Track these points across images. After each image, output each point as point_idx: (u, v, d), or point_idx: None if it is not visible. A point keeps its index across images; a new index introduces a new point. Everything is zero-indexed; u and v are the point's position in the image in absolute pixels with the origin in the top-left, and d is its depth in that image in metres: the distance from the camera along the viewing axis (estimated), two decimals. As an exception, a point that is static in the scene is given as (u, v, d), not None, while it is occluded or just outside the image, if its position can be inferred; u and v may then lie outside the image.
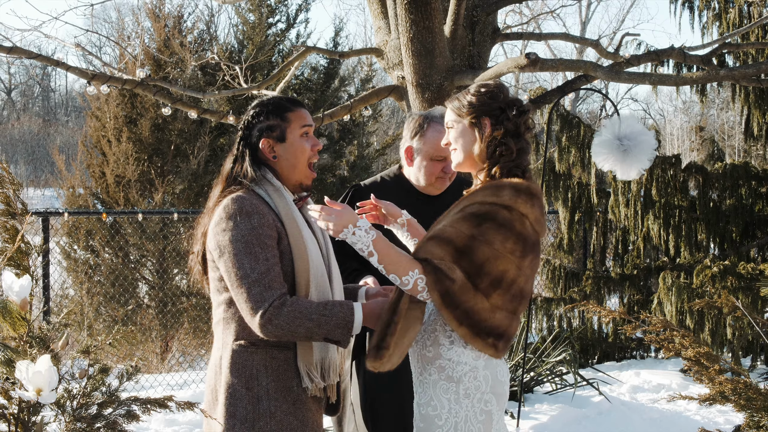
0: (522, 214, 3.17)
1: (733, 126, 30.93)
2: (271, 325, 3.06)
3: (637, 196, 10.58)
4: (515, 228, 3.14)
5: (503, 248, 3.11)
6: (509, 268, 3.13)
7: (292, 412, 3.18)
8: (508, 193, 3.18)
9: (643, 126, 6.66)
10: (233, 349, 3.21)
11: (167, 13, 15.91)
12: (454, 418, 3.20)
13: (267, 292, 3.08)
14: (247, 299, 3.08)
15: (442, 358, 3.23)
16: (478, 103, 3.29)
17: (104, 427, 3.14)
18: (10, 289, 3.19)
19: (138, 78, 7.48)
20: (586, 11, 38.43)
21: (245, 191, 3.25)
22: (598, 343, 10.73)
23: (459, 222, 3.15)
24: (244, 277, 3.09)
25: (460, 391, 3.21)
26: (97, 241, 14.33)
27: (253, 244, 3.11)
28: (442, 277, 3.06)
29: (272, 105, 3.39)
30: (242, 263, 3.10)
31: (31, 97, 60.04)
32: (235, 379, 3.18)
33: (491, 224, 3.12)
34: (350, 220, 3.16)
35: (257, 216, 3.15)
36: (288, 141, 3.35)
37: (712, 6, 11.24)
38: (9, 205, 3.36)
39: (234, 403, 3.16)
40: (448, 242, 3.11)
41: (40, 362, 3.05)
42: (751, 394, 3.06)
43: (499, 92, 3.33)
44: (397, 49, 7.39)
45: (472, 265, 3.08)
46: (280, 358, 3.20)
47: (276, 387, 3.18)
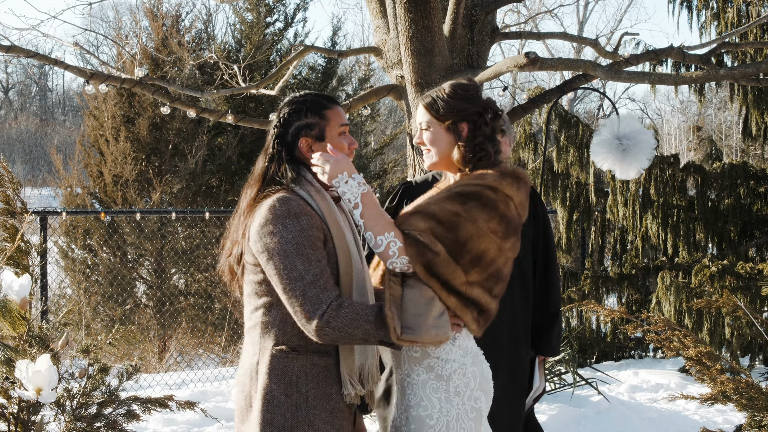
0: (507, 195, 3.19)
1: (730, 126, 30.95)
2: (329, 328, 2.96)
3: (635, 195, 10.58)
4: (499, 208, 3.15)
5: (486, 227, 3.12)
6: (490, 247, 3.14)
7: (330, 420, 3.09)
8: (493, 176, 3.21)
9: (642, 125, 6.68)
10: (272, 354, 3.10)
11: (165, 12, 15.89)
12: (446, 417, 3.19)
13: (323, 294, 2.98)
14: (303, 302, 2.98)
15: (430, 357, 3.21)
16: (455, 108, 3.28)
17: (104, 426, 3.12)
18: (9, 288, 3.18)
19: (136, 77, 7.47)
20: (583, 11, 38.45)
21: (288, 192, 3.13)
22: (597, 343, 10.73)
23: (444, 200, 3.16)
24: (298, 279, 2.99)
25: (450, 389, 3.20)
26: (95, 241, 14.32)
27: (305, 245, 3.01)
28: (425, 250, 3.06)
29: (309, 102, 3.25)
30: (295, 265, 2.99)
31: (28, 97, 59.96)
32: (273, 385, 3.07)
33: (476, 203, 3.13)
34: (347, 169, 3.13)
35: (305, 217, 3.04)
36: (327, 140, 3.22)
37: (710, 5, 11.24)
38: (9, 204, 3.34)
39: (271, 410, 3.05)
40: (432, 217, 3.11)
41: (40, 361, 3.03)
42: (753, 393, 3.05)
43: (475, 95, 3.32)
44: (396, 48, 7.38)
45: (456, 241, 3.08)
46: (321, 365, 3.12)
47: (315, 394, 3.09)
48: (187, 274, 15.12)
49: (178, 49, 14.85)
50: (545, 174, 10.59)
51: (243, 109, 15.56)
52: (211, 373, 10.06)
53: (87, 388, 3.27)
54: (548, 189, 10.91)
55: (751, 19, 10.82)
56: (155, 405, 3.23)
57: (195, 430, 7.38)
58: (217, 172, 15.56)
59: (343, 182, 3.13)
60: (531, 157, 11.43)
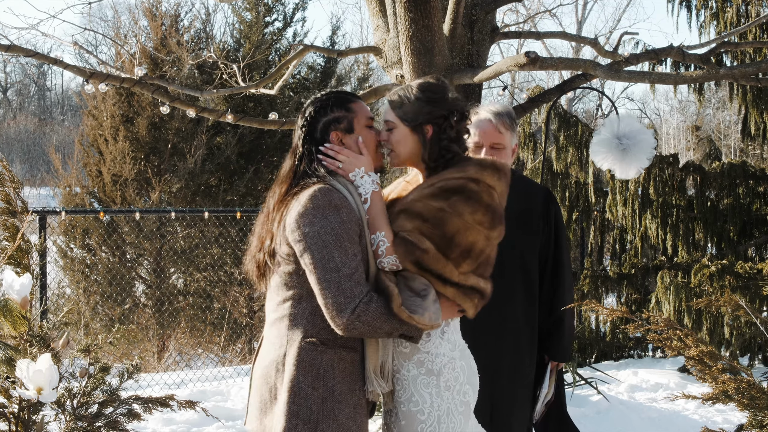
0: (489, 185, 3.22)
1: (729, 125, 30.97)
2: (359, 322, 2.98)
3: (634, 195, 10.58)
4: (483, 200, 3.19)
5: (472, 219, 3.15)
6: (478, 238, 3.17)
7: (353, 416, 3.11)
8: (474, 167, 3.25)
9: (642, 125, 6.67)
10: (301, 346, 3.11)
11: (164, 11, 15.89)
12: (437, 412, 3.21)
13: (357, 288, 3.00)
14: (337, 294, 2.99)
15: (420, 352, 3.24)
16: (420, 111, 3.28)
17: (105, 426, 3.12)
18: (10, 288, 3.18)
19: (136, 76, 7.46)
20: (582, 10, 38.43)
21: (325, 184, 3.15)
22: (596, 343, 10.73)
23: (428, 197, 3.19)
24: (334, 271, 3.01)
25: (441, 383, 3.22)
26: (94, 240, 14.32)
27: (344, 238, 3.04)
28: (413, 248, 3.10)
29: (334, 98, 3.32)
30: (332, 257, 3.01)
31: (27, 96, 59.95)
32: (301, 377, 3.08)
33: (460, 197, 3.16)
34: (364, 165, 3.23)
35: (346, 210, 3.08)
36: (356, 132, 3.29)
37: (709, 5, 11.25)
38: (9, 203, 3.34)
39: (298, 402, 3.06)
40: (418, 215, 3.15)
41: (41, 361, 3.03)
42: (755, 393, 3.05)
43: (442, 96, 3.32)
44: (396, 47, 7.38)
45: (444, 237, 3.12)
46: (348, 360, 3.14)
47: (341, 389, 3.11)
48: (186, 273, 15.14)
49: (177, 48, 14.85)
50: (545, 173, 10.59)
51: (242, 108, 15.56)
52: (210, 372, 10.06)
53: (88, 388, 3.27)
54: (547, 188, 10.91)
55: (750, 18, 10.82)
56: (156, 404, 3.23)
57: (194, 430, 7.38)
58: (216, 172, 15.57)
59: (359, 177, 3.22)
60: (530, 156, 11.43)
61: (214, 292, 14.95)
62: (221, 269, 15.12)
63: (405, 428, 3.23)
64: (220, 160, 15.43)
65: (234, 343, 14.31)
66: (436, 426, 3.20)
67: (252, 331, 14.79)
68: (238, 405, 8.09)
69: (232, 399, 8.41)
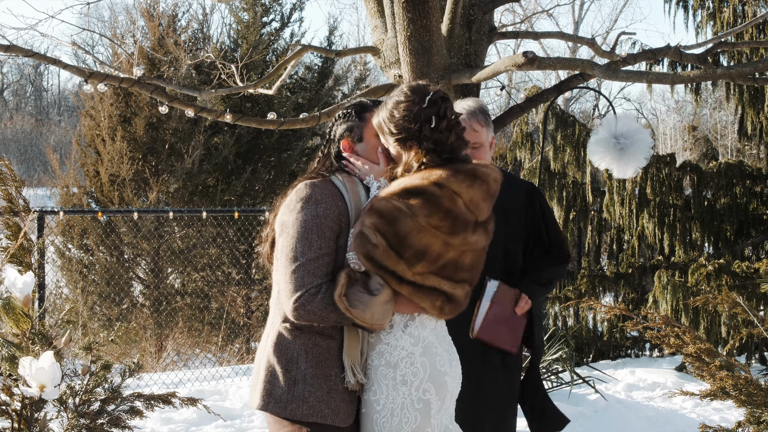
0: (454, 191, 3.25)
1: (725, 125, 31.02)
2: (303, 310, 3.16)
3: (632, 194, 10.61)
4: (443, 205, 3.22)
5: (427, 222, 3.20)
6: (433, 242, 3.22)
7: (325, 400, 3.24)
8: (443, 172, 3.28)
9: (639, 125, 6.70)
10: (279, 331, 3.30)
11: (161, 12, 15.89)
12: (391, 404, 3.25)
13: (308, 278, 3.18)
14: (288, 281, 3.19)
15: (381, 342, 3.30)
16: (397, 130, 3.34)
17: (107, 423, 3.13)
18: (13, 286, 3.19)
19: (135, 76, 7.47)
20: (579, 11, 38.47)
21: (321, 179, 3.37)
22: (593, 342, 10.75)
23: (390, 195, 3.25)
24: (293, 260, 3.20)
25: (397, 377, 3.26)
26: (92, 240, 14.31)
27: (312, 230, 3.22)
28: (365, 241, 3.19)
29: (353, 107, 3.54)
30: (295, 246, 3.21)
31: (23, 97, 59.88)
32: (276, 359, 3.27)
33: (419, 199, 3.21)
34: (378, 174, 3.40)
35: (324, 206, 3.26)
36: (365, 140, 3.48)
37: (706, 5, 11.27)
38: (11, 202, 3.35)
39: (272, 381, 3.25)
40: (377, 212, 3.23)
41: (43, 358, 3.05)
42: (752, 389, 3.07)
43: (414, 109, 3.33)
44: (394, 47, 7.39)
45: (396, 235, 3.19)
46: (323, 346, 3.28)
47: (313, 373, 3.25)
48: (184, 273, 15.14)
49: (175, 48, 14.85)
50: (542, 173, 10.61)
51: (240, 108, 15.56)
52: (209, 372, 10.07)
53: (90, 385, 3.28)
54: (545, 188, 10.93)
55: (747, 18, 10.85)
56: (158, 402, 3.25)
57: (193, 429, 7.39)
58: (213, 172, 15.57)
59: (370, 183, 3.40)
60: (528, 156, 11.45)
61: (211, 292, 14.95)
62: (219, 269, 15.13)
63: (364, 416, 3.30)
64: (217, 160, 15.43)
65: (232, 343, 14.31)
66: (389, 418, 3.25)
67: (249, 330, 14.80)
68: (236, 404, 8.11)
69: (230, 398, 8.42)
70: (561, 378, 8.68)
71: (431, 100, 3.34)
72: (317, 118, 7.77)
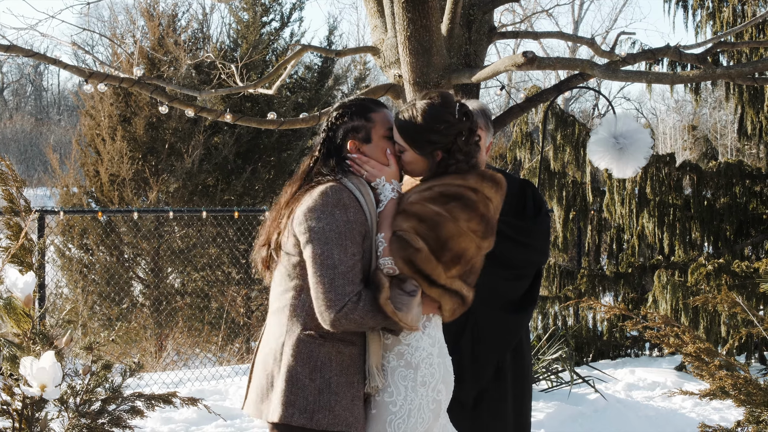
0: (487, 197, 3.31)
1: (725, 125, 31.02)
2: (346, 319, 3.10)
3: (631, 194, 10.61)
4: (479, 209, 3.28)
5: (467, 227, 3.24)
6: (470, 246, 3.26)
7: (349, 407, 3.19)
8: (474, 177, 3.33)
9: (639, 124, 6.70)
10: (300, 338, 3.21)
11: (161, 11, 15.90)
12: (409, 405, 3.25)
13: (349, 287, 3.11)
14: (328, 290, 3.11)
15: (401, 343, 3.30)
16: (428, 140, 3.33)
17: (108, 422, 3.14)
18: (14, 286, 3.19)
19: (135, 76, 7.48)
20: (578, 10, 38.47)
21: (337, 183, 3.27)
22: (593, 342, 10.76)
23: (427, 200, 3.26)
24: (331, 267, 3.12)
25: (418, 378, 3.27)
26: (92, 240, 14.32)
27: (346, 236, 3.15)
28: (406, 245, 3.19)
29: (356, 106, 3.42)
30: (332, 253, 3.13)
31: (23, 96, 59.86)
32: (299, 368, 3.18)
33: (458, 203, 3.25)
34: (390, 176, 3.33)
35: (353, 210, 3.20)
36: (373, 142, 3.38)
37: (706, 5, 11.27)
38: (12, 202, 3.36)
39: (295, 392, 3.16)
40: (414, 216, 3.23)
41: (44, 358, 3.05)
42: (751, 389, 3.07)
43: (448, 123, 3.35)
44: (394, 47, 7.39)
45: (438, 239, 3.20)
46: (346, 353, 3.22)
47: (338, 381, 3.19)
48: (184, 273, 15.14)
49: (175, 48, 14.85)
50: (542, 173, 10.61)
51: (239, 108, 15.57)
52: (209, 372, 10.08)
53: (90, 385, 3.29)
54: (545, 188, 10.93)
55: (746, 18, 10.85)
56: (159, 401, 3.25)
57: (193, 429, 7.40)
58: (213, 172, 15.57)
59: (381, 185, 3.32)
60: (527, 156, 11.45)
61: (211, 291, 14.96)
62: (219, 269, 15.14)
63: (374, 417, 3.27)
64: (217, 159, 15.44)
65: (231, 343, 14.32)
66: (405, 419, 3.24)
67: (249, 330, 14.80)
68: (237, 404, 8.11)
69: (230, 398, 8.43)
70: (561, 377, 8.68)
71: (462, 112, 3.37)
72: (317, 117, 7.78)
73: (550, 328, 10.36)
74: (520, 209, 4.43)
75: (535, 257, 4.40)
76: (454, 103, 3.38)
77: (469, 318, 4.14)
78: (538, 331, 10.41)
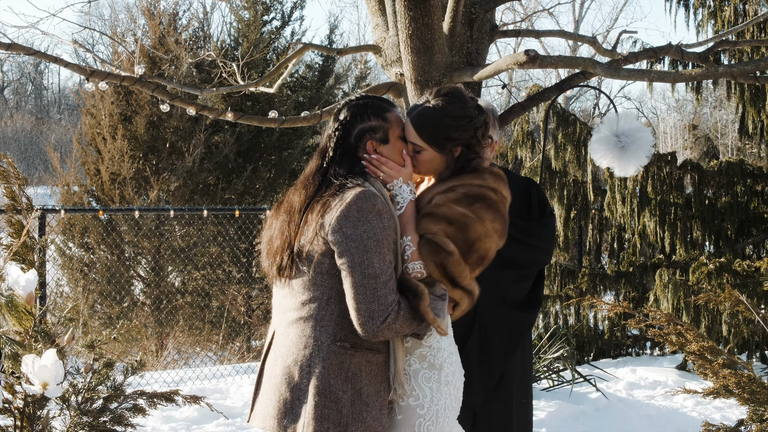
0: (504, 197, 3.31)
1: (726, 124, 31.00)
2: (389, 330, 3.03)
3: (633, 193, 10.61)
4: (501, 209, 3.27)
5: (492, 227, 3.22)
6: (492, 246, 3.24)
7: (378, 417, 3.12)
8: (491, 177, 3.31)
9: (641, 123, 6.68)
10: (330, 350, 3.10)
11: (162, 10, 15.90)
12: (436, 407, 3.22)
13: (391, 296, 3.03)
14: (372, 300, 3.01)
15: (422, 346, 3.25)
16: (449, 137, 3.27)
17: (110, 420, 3.13)
18: (16, 284, 3.18)
19: (136, 75, 7.47)
20: (579, 9, 38.48)
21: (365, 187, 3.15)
22: (594, 340, 10.76)
23: (452, 201, 3.22)
24: (373, 277, 3.02)
25: (442, 378, 3.24)
26: (93, 239, 14.32)
27: (383, 244, 3.06)
28: (438, 249, 3.13)
29: (372, 106, 3.29)
30: (372, 262, 3.02)
31: (23, 95, 59.86)
32: (332, 380, 3.08)
33: (482, 204, 3.22)
34: (405, 177, 3.25)
35: (387, 216, 3.10)
36: (391, 142, 3.26)
37: (707, 3, 11.26)
38: (14, 200, 3.35)
39: (328, 405, 3.06)
40: (443, 218, 3.18)
41: (46, 356, 3.04)
42: (755, 387, 3.07)
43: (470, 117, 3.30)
44: (395, 45, 7.39)
45: (466, 241, 3.16)
46: (374, 362, 3.15)
47: (368, 391, 3.11)
48: (185, 272, 15.15)
49: (176, 47, 14.85)
50: (543, 172, 10.61)
51: (240, 107, 15.57)
52: (209, 370, 10.08)
53: (92, 383, 3.28)
54: (546, 187, 10.93)
55: (748, 17, 10.84)
56: (161, 399, 3.24)
57: (194, 428, 7.39)
58: (214, 170, 15.58)
59: (398, 186, 3.24)
60: (529, 155, 11.45)
61: (212, 290, 14.96)
62: (219, 268, 15.14)
63: (401, 423, 3.22)
64: (218, 158, 15.44)
65: (232, 342, 14.32)
66: (435, 420, 3.20)
67: (250, 329, 14.81)
68: (237, 402, 8.11)
69: (231, 397, 8.42)
70: (562, 376, 8.68)
71: (477, 106, 3.33)
72: (318, 116, 7.77)
73: (552, 327, 10.36)
74: (525, 209, 4.43)
75: (540, 257, 4.41)
76: (469, 98, 3.33)
77: (476, 320, 4.15)
78: (539, 330, 10.40)
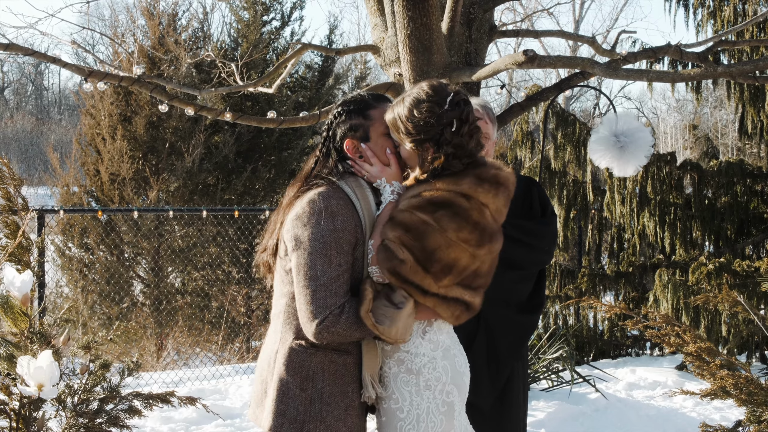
0: (482, 203, 3.15)
1: (726, 124, 31.01)
2: (327, 332, 3.01)
3: (632, 193, 10.60)
4: (472, 217, 3.12)
5: (456, 237, 3.09)
6: (461, 256, 3.11)
7: (342, 418, 3.12)
8: (469, 181, 3.16)
9: (640, 123, 6.67)
10: (291, 347, 3.14)
11: (161, 10, 15.89)
12: (416, 410, 3.19)
13: (331, 299, 3.02)
14: (309, 301, 3.03)
15: (400, 350, 3.22)
16: (416, 131, 3.16)
17: (106, 422, 3.12)
18: (11, 285, 3.18)
19: (135, 75, 7.46)
20: (579, 9, 38.46)
21: (330, 186, 3.16)
22: (594, 341, 10.75)
23: (414, 207, 3.11)
24: (313, 279, 3.02)
25: (421, 383, 3.20)
26: (92, 239, 14.32)
27: (331, 246, 3.04)
28: (391, 256, 3.06)
29: (354, 104, 3.28)
30: (314, 264, 3.03)
31: (24, 96, 59.91)
32: (290, 377, 3.11)
33: (447, 212, 3.09)
34: (390, 177, 3.22)
35: (341, 218, 3.08)
36: (372, 140, 3.24)
37: (706, 4, 11.25)
38: (10, 200, 3.34)
39: (285, 401, 3.10)
40: (400, 225, 3.09)
41: (42, 357, 3.04)
42: (753, 389, 3.06)
43: (437, 110, 3.16)
44: (394, 46, 7.38)
45: (424, 250, 3.06)
46: (339, 362, 3.15)
47: (330, 391, 3.12)
48: (184, 272, 15.14)
49: (175, 47, 14.84)
50: (542, 172, 10.60)
51: (240, 107, 15.56)
52: (209, 371, 10.07)
53: (88, 385, 3.27)
54: (545, 187, 10.92)
55: (747, 17, 10.83)
56: (157, 401, 3.23)
57: (193, 428, 7.38)
58: (213, 171, 15.57)
59: (382, 186, 3.21)
60: (528, 155, 11.44)
61: (211, 291, 14.96)
62: (219, 268, 15.14)
63: (385, 425, 3.22)
64: (217, 159, 15.44)
65: (232, 342, 14.32)
66: (415, 424, 3.18)
67: (250, 329, 14.81)
68: (237, 403, 8.10)
69: (230, 397, 8.42)
70: (561, 377, 8.67)
71: (453, 102, 3.18)
72: (317, 116, 7.76)
73: (551, 328, 10.35)
74: (527, 209, 4.42)
75: (542, 258, 4.40)
76: (445, 92, 3.20)
77: (480, 322, 4.14)
78: (538, 331, 10.39)
